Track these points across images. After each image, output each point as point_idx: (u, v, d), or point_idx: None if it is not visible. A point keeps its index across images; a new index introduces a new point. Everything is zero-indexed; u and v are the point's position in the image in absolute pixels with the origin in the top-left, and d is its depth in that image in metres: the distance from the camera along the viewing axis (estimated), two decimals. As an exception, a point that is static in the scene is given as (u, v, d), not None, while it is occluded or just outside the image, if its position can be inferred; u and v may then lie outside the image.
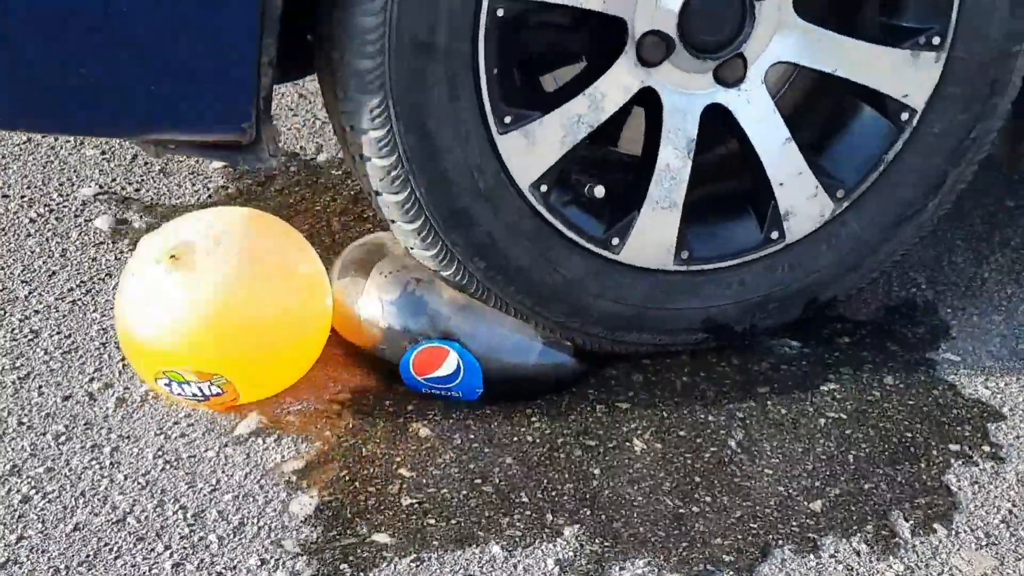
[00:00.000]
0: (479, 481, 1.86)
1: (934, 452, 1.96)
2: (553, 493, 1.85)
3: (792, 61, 1.98)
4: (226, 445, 1.91)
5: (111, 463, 1.87)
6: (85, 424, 1.94)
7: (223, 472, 1.86)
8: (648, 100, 1.94)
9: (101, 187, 2.59)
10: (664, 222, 1.99)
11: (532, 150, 1.89)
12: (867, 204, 2.07)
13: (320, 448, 1.91)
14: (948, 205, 2.12)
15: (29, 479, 1.84)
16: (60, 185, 2.60)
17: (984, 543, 1.78)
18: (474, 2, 1.77)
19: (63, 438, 1.91)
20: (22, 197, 2.55)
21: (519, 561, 1.73)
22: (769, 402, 2.06)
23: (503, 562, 1.73)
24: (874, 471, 1.91)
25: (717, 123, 1.98)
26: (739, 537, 1.78)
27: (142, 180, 2.63)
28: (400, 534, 1.76)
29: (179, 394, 1.92)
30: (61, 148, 2.75)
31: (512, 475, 1.88)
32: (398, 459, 1.90)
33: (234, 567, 1.70)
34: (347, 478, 1.86)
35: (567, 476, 1.88)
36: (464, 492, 1.84)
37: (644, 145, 2.02)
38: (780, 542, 1.77)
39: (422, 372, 2.01)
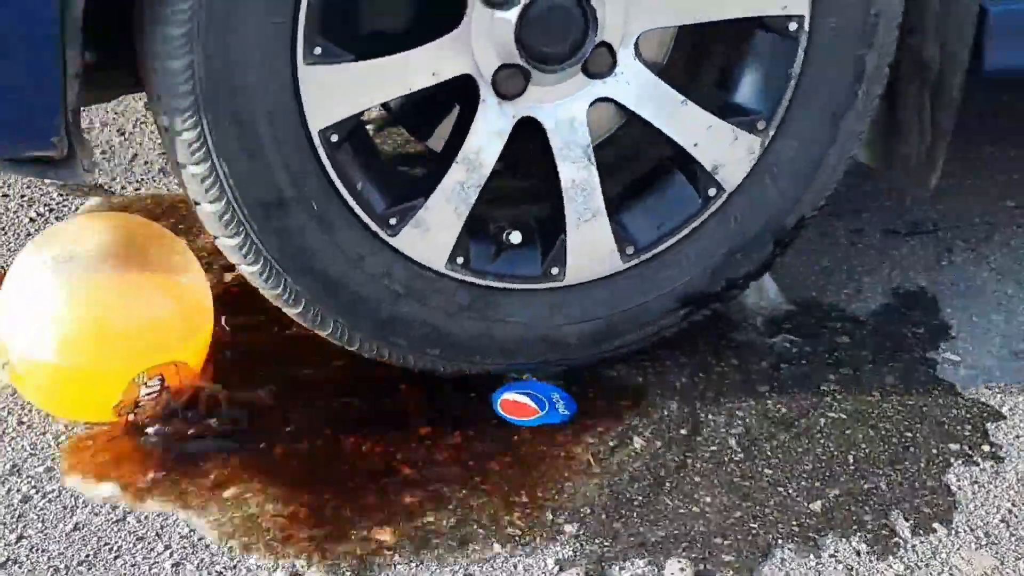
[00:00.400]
0: (479, 481, 1.86)
1: (934, 452, 1.95)
2: (553, 493, 1.85)
3: (659, 26, 1.95)
4: (227, 444, 1.91)
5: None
6: (86, 423, 1.94)
7: (224, 469, 1.86)
8: (528, 124, 1.88)
9: (100, 186, 2.59)
10: (595, 232, 1.95)
11: (431, 237, 1.87)
12: (793, 122, 1.99)
13: (320, 447, 1.91)
14: (881, 86, 2.01)
15: (29, 479, 1.84)
16: (60, 185, 2.60)
17: (984, 543, 1.78)
18: (307, 143, 1.76)
19: (63, 437, 1.91)
20: (22, 197, 2.55)
21: (519, 561, 1.73)
22: (769, 402, 2.05)
23: (503, 562, 1.72)
24: (874, 471, 1.91)
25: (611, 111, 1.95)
26: (739, 537, 1.78)
27: (142, 180, 2.63)
28: (400, 533, 1.76)
29: (147, 395, 1.91)
30: (61, 148, 2.75)
31: (512, 475, 1.88)
32: (398, 459, 1.90)
33: (234, 566, 1.70)
34: (347, 477, 1.86)
35: (567, 476, 1.88)
36: (464, 492, 1.84)
37: (545, 166, 1.94)
38: (780, 542, 1.77)
39: (506, 411, 2.00)
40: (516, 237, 1.95)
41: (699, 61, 2.10)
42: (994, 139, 3.02)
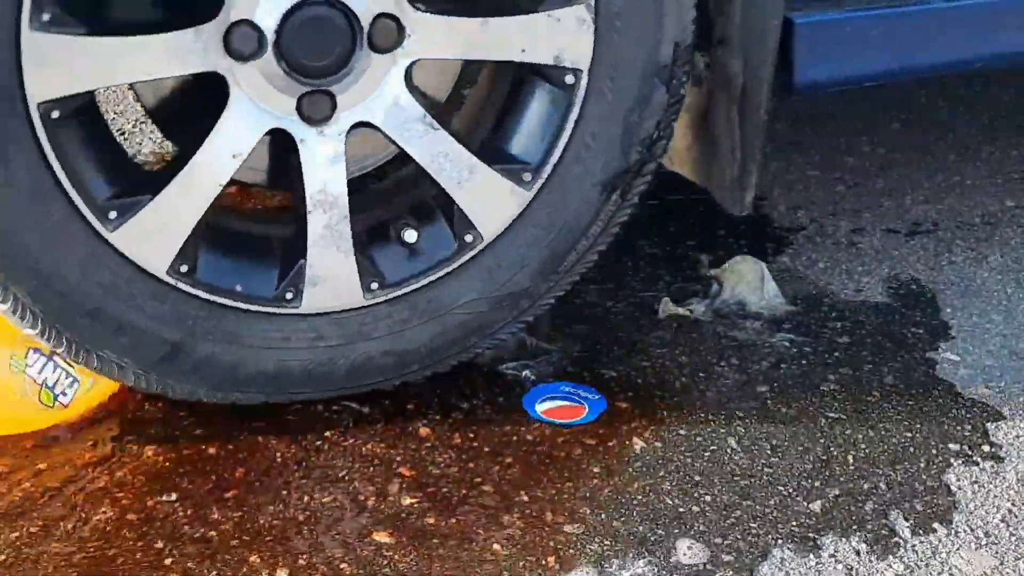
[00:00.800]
0: (479, 481, 1.86)
1: (934, 452, 1.96)
2: (553, 493, 1.85)
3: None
4: (228, 443, 1.91)
5: (112, 460, 1.87)
6: (87, 421, 1.94)
7: (224, 469, 1.86)
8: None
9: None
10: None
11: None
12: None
13: (320, 447, 1.91)
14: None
15: (29, 479, 1.84)
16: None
17: (984, 543, 1.78)
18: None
19: (63, 436, 1.92)
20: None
21: (519, 559, 1.73)
22: (769, 402, 2.06)
23: (503, 560, 1.73)
24: (874, 471, 1.91)
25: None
26: (739, 537, 1.78)
27: (142, 180, 2.63)
28: (400, 534, 1.76)
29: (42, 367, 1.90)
30: (61, 148, 2.75)
31: (512, 475, 1.88)
32: (398, 459, 1.90)
33: (234, 565, 1.70)
34: (347, 478, 1.86)
35: (567, 476, 1.88)
36: (464, 492, 1.84)
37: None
38: (780, 542, 1.78)
39: (552, 416, 2.00)
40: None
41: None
42: (994, 139, 3.03)
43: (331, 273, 1.84)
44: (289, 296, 1.84)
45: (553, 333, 2.22)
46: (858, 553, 1.76)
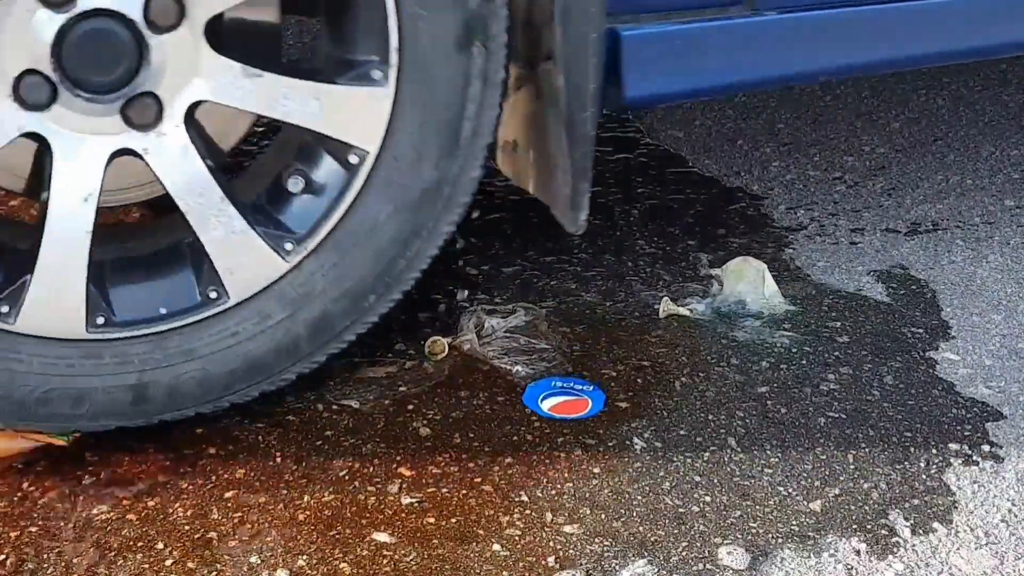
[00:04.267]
0: (479, 481, 1.86)
1: (934, 452, 1.96)
2: (553, 493, 1.85)
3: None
4: (228, 443, 1.92)
5: (111, 459, 1.87)
6: (85, 424, 1.94)
7: (223, 469, 1.86)
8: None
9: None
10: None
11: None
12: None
13: (320, 448, 1.91)
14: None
15: (30, 478, 1.84)
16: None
17: (984, 542, 1.78)
18: None
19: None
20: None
21: (519, 560, 1.73)
22: (769, 402, 2.06)
23: (503, 561, 1.73)
24: (874, 471, 1.91)
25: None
26: (739, 537, 1.78)
27: (142, 180, 2.63)
28: (400, 533, 1.76)
29: None
30: (61, 148, 2.75)
31: (512, 475, 1.88)
32: (398, 459, 1.90)
33: (234, 566, 1.70)
34: (347, 478, 1.86)
35: (567, 476, 1.88)
36: (464, 492, 1.84)
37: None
38: (780, 542, 1.78)
39: (559, 412, 2.01)
40: None
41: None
42: (994, 139, 3.03)
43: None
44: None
45: (547, 330, 2.22)
46: (858, 553, 1.76)
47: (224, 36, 1.79)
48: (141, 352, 1.82)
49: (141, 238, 1.96)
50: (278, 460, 1.89)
